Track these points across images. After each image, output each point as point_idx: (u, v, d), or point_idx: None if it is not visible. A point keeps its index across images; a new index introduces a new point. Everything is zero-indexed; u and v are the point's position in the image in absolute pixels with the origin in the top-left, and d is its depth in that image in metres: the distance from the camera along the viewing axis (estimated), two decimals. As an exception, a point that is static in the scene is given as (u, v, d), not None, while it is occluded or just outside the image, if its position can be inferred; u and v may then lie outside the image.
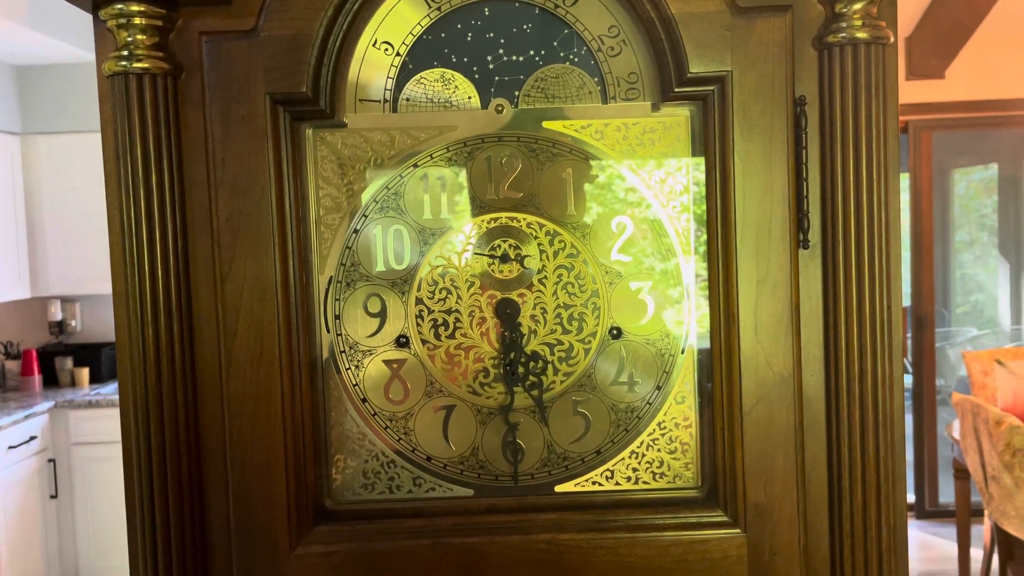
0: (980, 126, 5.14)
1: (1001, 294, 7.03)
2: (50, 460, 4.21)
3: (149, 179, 0.95)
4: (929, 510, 5.13)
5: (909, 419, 5.09)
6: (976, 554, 4.21)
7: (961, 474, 3.85)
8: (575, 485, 1.07)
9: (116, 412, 4.18)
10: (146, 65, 0.94)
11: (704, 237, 1.04)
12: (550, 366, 1.06)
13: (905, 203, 5.05)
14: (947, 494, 4.95)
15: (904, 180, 5.08)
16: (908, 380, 5.16)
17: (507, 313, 1.05)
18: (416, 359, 1.06)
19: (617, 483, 1.07)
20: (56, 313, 4.81)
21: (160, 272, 0.96)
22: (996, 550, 3.57)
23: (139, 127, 0.95)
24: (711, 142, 1.01)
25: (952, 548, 4.28)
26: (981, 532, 4.32)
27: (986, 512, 3.48)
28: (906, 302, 5.09)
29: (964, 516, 3.86)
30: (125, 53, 0.94)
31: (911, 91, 4.80)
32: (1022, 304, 6.82)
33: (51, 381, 4.69)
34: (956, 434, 3.73)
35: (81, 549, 4.29)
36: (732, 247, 0.99)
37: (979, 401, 3.26)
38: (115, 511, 4.21)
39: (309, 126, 1.03)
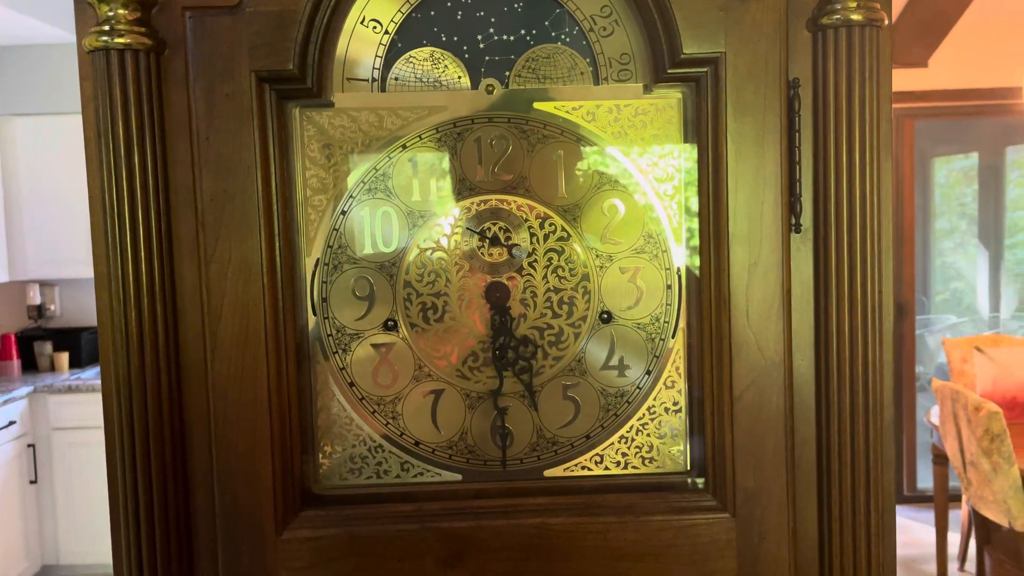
0: (962, 115, 5.17)
1: (980, 282, 7.11)
2: (29, 445, 4.17)
3: (131, 158, 0.93)
4: (907, 495, 5.19)
5: (889, 405, 5.13)
6: (954, 538, 4.27)
7: (940, 459, 3.89)
8: (564, 470, 1.06)
9: (96, 397, 4.17)
10: (128, 41, 0.92)
11: (695, 220, 1.03)
12: (540, 350, 1.05)
13: (887, 191, 5.07)
14: (925, 479, 5.01)
15: (887, 168, 5.09)
16: (888, 367, 5.19)
17: (497, 297, 1.04)
18: (404, 343, 1.04)
19: (606, 468, 1.06)
20: (35, 297, 4.75)
21: (143, 253, 0.94)
22: (973, 534, 3.62)
23: (121, 105, 0.92)
24: (704, 124, 1.00)
25: (930, 532, 4.34)
26: (959, 517, 4.38)
27: (964, 497, 3.52)
28: (887, 289, 5.11)
29: (942, 501, 3.91)
30: (106, 28, 0.92)
31: (894, 79, 4.80)
32: (1000, 292, 6.90)
33: (30, 366, 4.64)
34: (935, 420, 3.76)
35: (61, 534, 4.26)
36: (723, 230, 0.98)
37: (958, 387, 3.29)
38: (95, 496, 4.18)
39: (295, 105, 1.01)
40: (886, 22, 0.94)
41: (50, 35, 4.22)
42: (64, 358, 4.57)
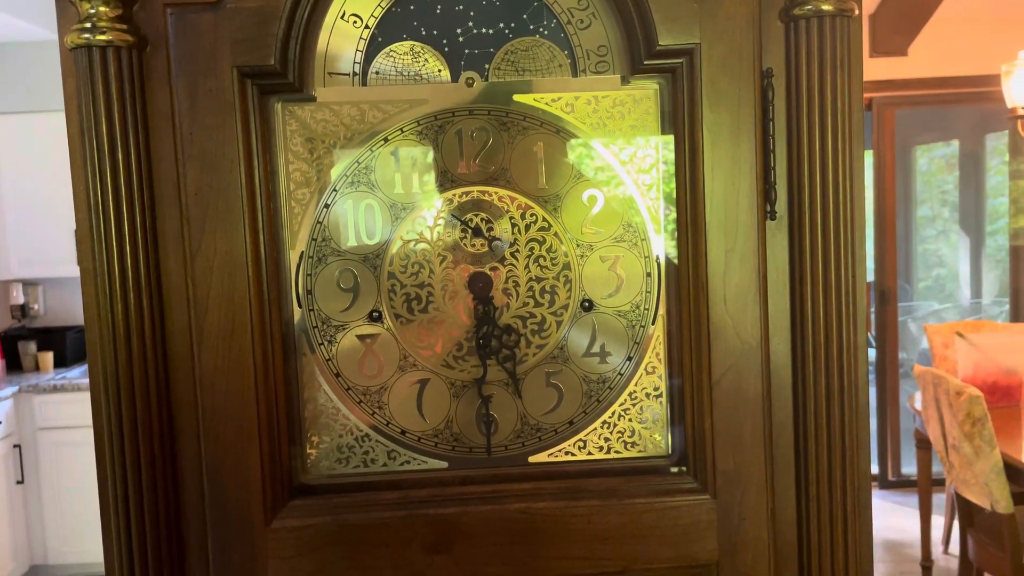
0: (942, 103, 5.21)
1: (962, 269, 7.18)
2: (15, 446, 4.15)
3: (115, 154, 0.94)
4: (892, 480, 5.25)
5: (873, 392, 5.19)
6: (938, 522, 4.33)
7: (923, 444, 3.94)
8: (548, 456, 1.08)
9: (82, 396, 4.15)
10: (109, 38, 0.92)
11: (673, 209, 1.05)
12: (523, 339, 1.06)
13: (869, 180, 5.13)
14: (909, 465, 5.07)
15: (868, 157, 5.15)
16: (872, 353, 5.26)
17: (480, 287, 1.05)
18: (389, 333, 1.06)
19: (590, 453, 1.08)
20: (18, 297, 4.72)
21: (128, 248, 0.95)
22: (957, 517, 3.67)
23: (104, 102, 0.93)
24: (680, 115, 1.01)
25: (914, 517, 4.39)
26: (942, 500, 4.44)
27: (947, 480, 3.57)
28: (870, 277, 5.18)
29: (926, 485, 3.96)
30: (88, 25, 0.92)
31: (875, 68, 4.86)
32: (982, 278, 6.97)
33: (14, 366, 4.62)
34: (918, 405, 3.81)
35: (49, 534, 4.24)
36: (701, 218, 1.00)
37: (940, 373, 3.33)
38: (83, 495, 4.17)
39: (278, 100, 1.02)
40: (856, 12, 0.96)
41: (31, 33, 4.19)
42: (48, 358, 4.55)
